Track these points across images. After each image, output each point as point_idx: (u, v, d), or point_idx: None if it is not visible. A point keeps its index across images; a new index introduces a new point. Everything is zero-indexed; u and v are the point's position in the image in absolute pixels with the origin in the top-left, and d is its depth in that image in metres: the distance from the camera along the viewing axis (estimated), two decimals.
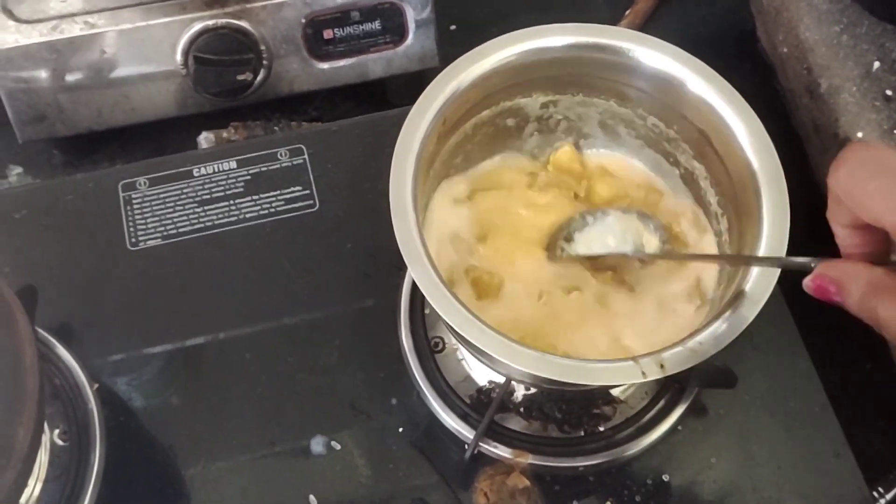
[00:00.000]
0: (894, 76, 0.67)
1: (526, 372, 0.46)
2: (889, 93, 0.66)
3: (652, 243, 0.55)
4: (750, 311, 0.47)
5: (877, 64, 0.67)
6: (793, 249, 0.51)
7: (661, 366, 0.45)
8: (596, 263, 0.57)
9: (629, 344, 0.55)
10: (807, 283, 0.41)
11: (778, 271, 0.49)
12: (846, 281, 0.39)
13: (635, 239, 0.56)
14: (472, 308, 0.47)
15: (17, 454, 0.46)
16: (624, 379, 0.45)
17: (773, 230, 0.50)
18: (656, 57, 0.54)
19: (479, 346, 0.45)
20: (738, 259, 0.53)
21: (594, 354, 0.54)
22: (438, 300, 0.46)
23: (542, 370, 0.45)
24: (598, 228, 0.56)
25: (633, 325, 0.55)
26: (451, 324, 0.46)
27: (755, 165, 0.51)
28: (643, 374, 0.45)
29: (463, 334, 0.46)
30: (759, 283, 0.48)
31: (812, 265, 0.42)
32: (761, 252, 0.49)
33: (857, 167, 0.38)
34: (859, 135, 0.65)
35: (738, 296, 0.48)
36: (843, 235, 0.41)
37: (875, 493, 0.62)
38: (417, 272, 0.47)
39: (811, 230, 0.74)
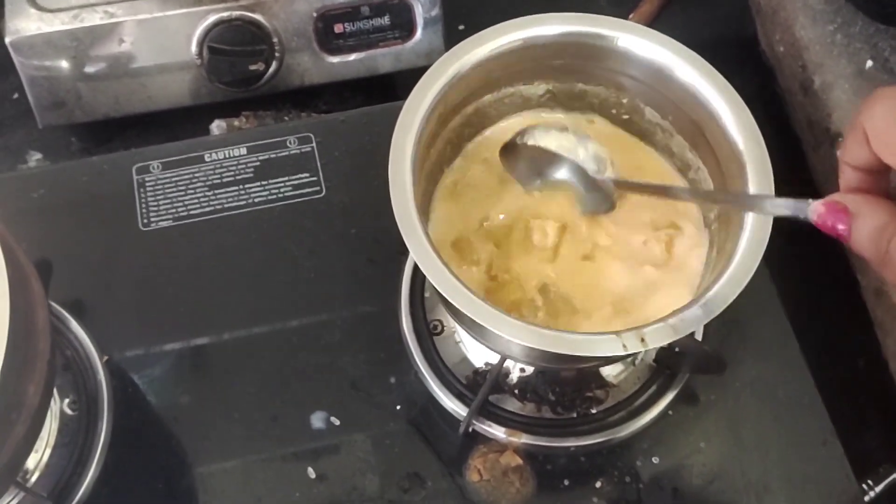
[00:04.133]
0: (886, 74, 0.68)
1: (513, 342, 0.47)
2: None
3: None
4: (732, 290, 0.49)
5: (869, 62, 0.69)
6: (777, 240, 0.53)
7: (642, 339, 0.47)
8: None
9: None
10: (816, 207, 0.39)
11: (760, 257, 0.50)
12: (863, 209, 0.37)
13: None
14: None
15: (28, 410, 0.48)
16: (605, 350, 0.47)
17: (757, 218, 0.51)
18: (643, 44, 0.55)
19: (468, 315, 0.47)
20: (720, 197, 0.54)
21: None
22: (430, 268, 0.48)
23: (525, 339, 0.47)
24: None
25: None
26: (441, 291, 0.48)
27: (743, 153, 0.53)
28: (624, 346, 0.46)
29: (452, 300, 0.47)
30: (743, 263, 0.49)
31: (809, 207, 0.40)
32: (741, 249, 0.50)
33: (894, 107, 0.36)
34: None
35: (721, 274, 0.49)
36: (850, 176, 0.39)
37: (865, 486, 0.63)
38: (412, 242, 0.49)
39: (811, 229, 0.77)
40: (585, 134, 0.56)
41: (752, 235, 0.51)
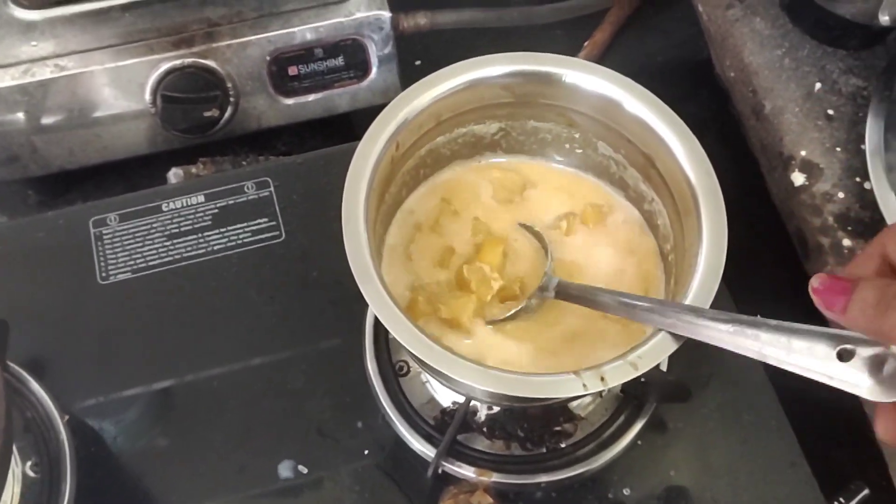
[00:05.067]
0: (835, 96, 0.69)
1: (474, 387, 0.47)
2: (830, 112, 0.68)
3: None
4: None
5: (818, 85, 0.70)
6: (739, 262, 0.53)
7: (602, 378, 0.47)
8: None
9: None
10: (815, 284, 0.40)
11: (716, 286, 0.50)
12: (862, 286, 0.38)
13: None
14: None
15: None
16: (566, 391, 0.47)
17: (711, 249, 0.51)
18: (591, 80, 0.56)
19: (427, 362, 0.47)
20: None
21: None
22: (388, 318, 0.48)
23: (485, 383, 0.47)
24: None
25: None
26: (400, 341, 0.48)
27: (695, 185, 0.53)
28: (584, 386, 0.46)
29: (411, 350, 0.47)
30: (698, 297, 0.50)
31: None
32: (697, 279, 0.50)
33: None
34: (803, 153, 0.67)
35: None
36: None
37: None
38: (367, 290, 0.49)
39: (768, 250, 0.77)
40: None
41: (708, 265, 0.51)
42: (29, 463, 0.60)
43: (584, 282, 0.58)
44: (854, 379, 0.39)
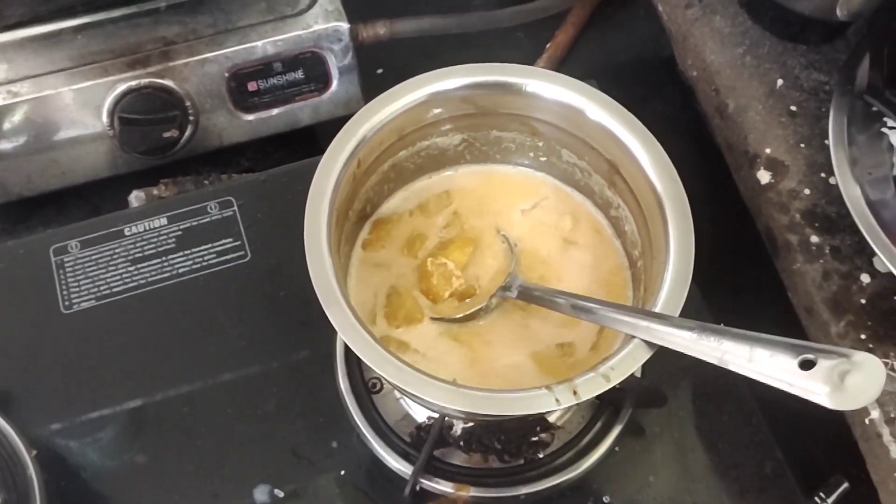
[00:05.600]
0: (797, 92, 0.69)
1: (442, 406, 0.47)
2: (793, 108, 0.68)
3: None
4: None
5: (780, 81, 0.70)
6: (709, 260, 0.53)
7: (575, 392, 0.46)
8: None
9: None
10: None
11: (685, 294, 0.50)
12: None
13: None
14: None
15: None
16: (539, 407, 0.46)
17: (679, 257, 0.51)
18: (551, 89, 0.55)
19: (397, 384, 0.46)
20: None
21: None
22: (354, 340, 0.47)
23: (457, 403, 0.46)
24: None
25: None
26: (366, 361, 0.47)
27: (660, 191, 0.53)
28: (557, 401, 0.46)
29: (380, 372, 0.47)
30: (667, 306, 0.49)
31: None
32: (666, 286, 0.50)
33: None
34: (768, 150, 0.67)
35: None
36: None
37: (817, 499, 0.63)
38: (333, 313, 0.48)
39: (739, 247, 0.77)
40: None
41: (676, 273, 0.51)
42: None
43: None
44: (813, 387, 0.40)
